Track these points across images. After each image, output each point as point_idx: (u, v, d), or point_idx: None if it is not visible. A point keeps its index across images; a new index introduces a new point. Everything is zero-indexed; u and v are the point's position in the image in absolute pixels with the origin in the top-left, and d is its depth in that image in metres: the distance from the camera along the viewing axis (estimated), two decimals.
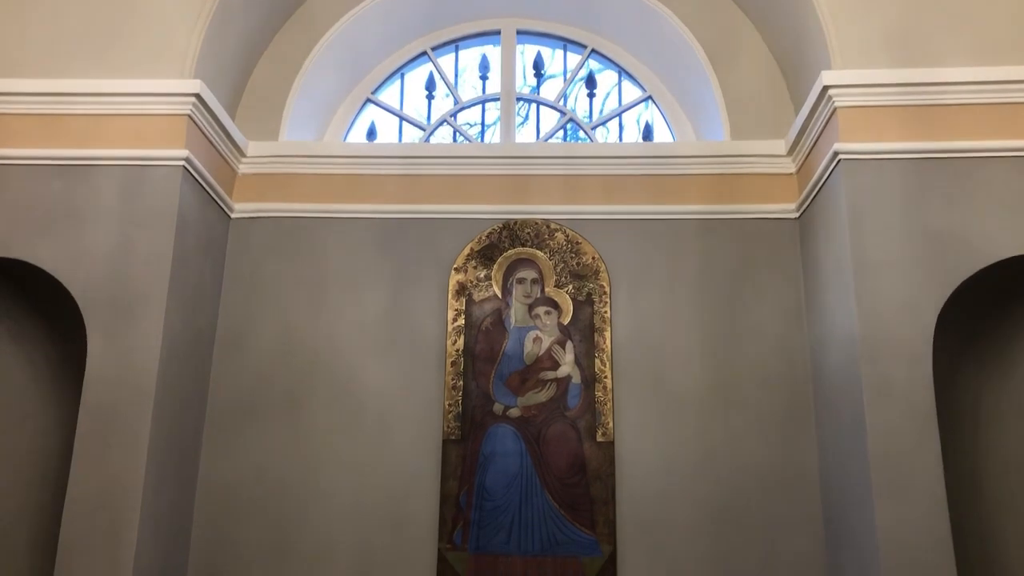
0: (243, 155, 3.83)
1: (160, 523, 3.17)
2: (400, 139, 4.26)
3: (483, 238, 3.74)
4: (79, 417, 3.11)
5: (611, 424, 3.48)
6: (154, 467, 3.11)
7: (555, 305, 3.66)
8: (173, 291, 3.26)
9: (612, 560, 3.32)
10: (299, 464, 3.53)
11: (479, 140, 4.27)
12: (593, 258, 3.68)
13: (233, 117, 3.88)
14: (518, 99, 4.27)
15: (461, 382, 3.58)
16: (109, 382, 3.13)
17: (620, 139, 4.24)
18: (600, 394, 3.52)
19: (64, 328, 3.44)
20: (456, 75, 4.36)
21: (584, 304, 3.64)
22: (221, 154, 3.67)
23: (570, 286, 3.67)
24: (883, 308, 3.03)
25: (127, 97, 3.37)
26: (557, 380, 3.57)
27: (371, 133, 4.23)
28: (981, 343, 3.31)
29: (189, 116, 3.37)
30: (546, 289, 3.68)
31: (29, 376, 3.50)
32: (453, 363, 3.60)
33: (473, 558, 3.36)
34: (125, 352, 3.15)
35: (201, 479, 3.52)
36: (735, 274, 3.65)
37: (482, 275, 3.71)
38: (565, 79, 4.32)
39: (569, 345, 3.61)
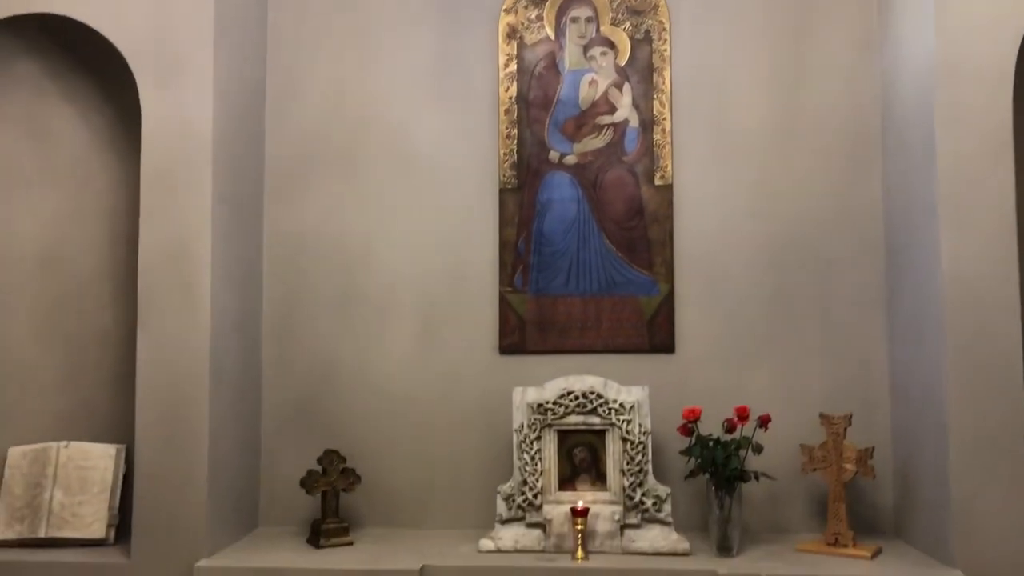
0: None
1: (232, 274, 3.30)
2: None
3: None
4: (141, 173, 3.16)
5: (670, 167, 3.43)
6: (220, 219, 3.18)
7: (611, 45, 3.50)
8: (218, 43, 3.19)
9: (669, 298, 3.39)
10: (359, 216, 3.59)
11: None
12: None
13: None
14: None
15: (515, 130, 3.52)
16: (166, 137, 3.15)
17: None
18: (659, 137, 3.44)
19: (116, 86, 3.42)
20: None
21: (642, 42, 3.48)
22: None
23: (627, 23, 3.48)
24: (963, 31, 2.84)
25: None
26: (614, 124, 3.48)
27: None
28: None
29: None
30: (601, 28, 3.51)
31: (88, 136, 3.53)
32: (506, 111, 3.52)
33: (533, 299, 3.46)
34: (178, 105, 3.14)
35: (266, 232, 3.61)
36: (804, 5, 3.43)
37: (533, 15, 3.53)
38: None
39: (626, 87, 3.48)
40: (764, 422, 3.04)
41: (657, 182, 3.43)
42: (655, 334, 3.39)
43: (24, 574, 3.09)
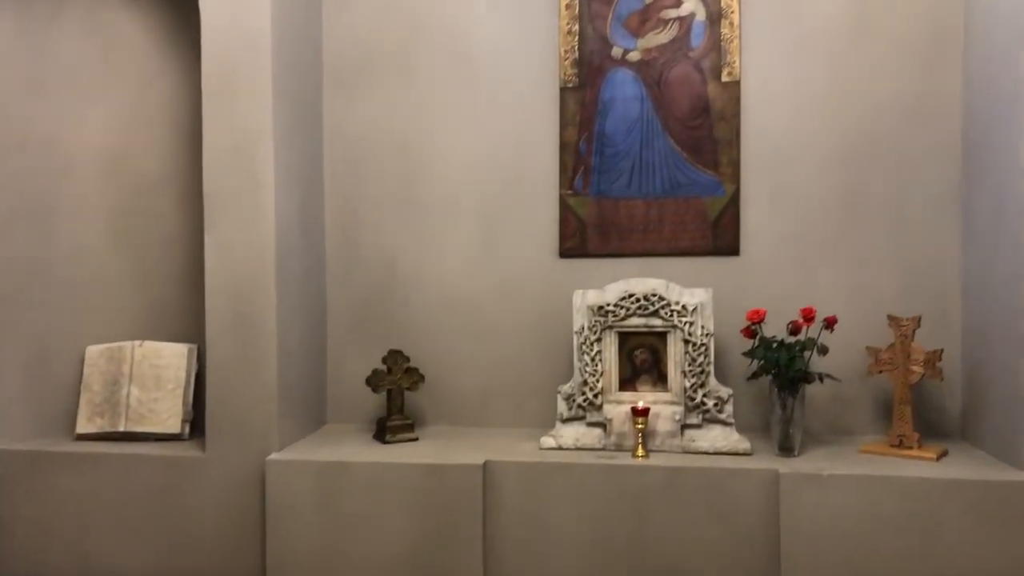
0: None
1: (294, 176, 3.31)
2: None
3: None
4: (202, 75, 3.16)
5: (738, 63, 3.30)
6: (280, 120, 3.18)
7: None
8: None
9: (735, 199, 3.31)
10: (418, 118, 3.56)
11: None
12: None
13: None
14: None
15: (577, 26, 3.41)
16: (225, 38, 3.13)
17: None
18: (726, 31, 3.31)
19: None
20: None
21: None
22: None
23: None
24: None
25: None
26: (679, 18, 3.36)
27: None
28: None
29: None
30: None
31: (149, 38, 3.54)
32: (567, 6, 3.42)
33: (595, 202, 3.41)
34: (236, 5, 3.11)
35: (326, 135, 3.61)
36: None
37: None
38: None
39: None
40: (830, 323, 3.00)
41: (724, 78, 3.31)
42: (719, 236, 3.33)
43: (107, 464, 3.25)
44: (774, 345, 2.98)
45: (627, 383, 3.16)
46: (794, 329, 3.00)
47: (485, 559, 2.96)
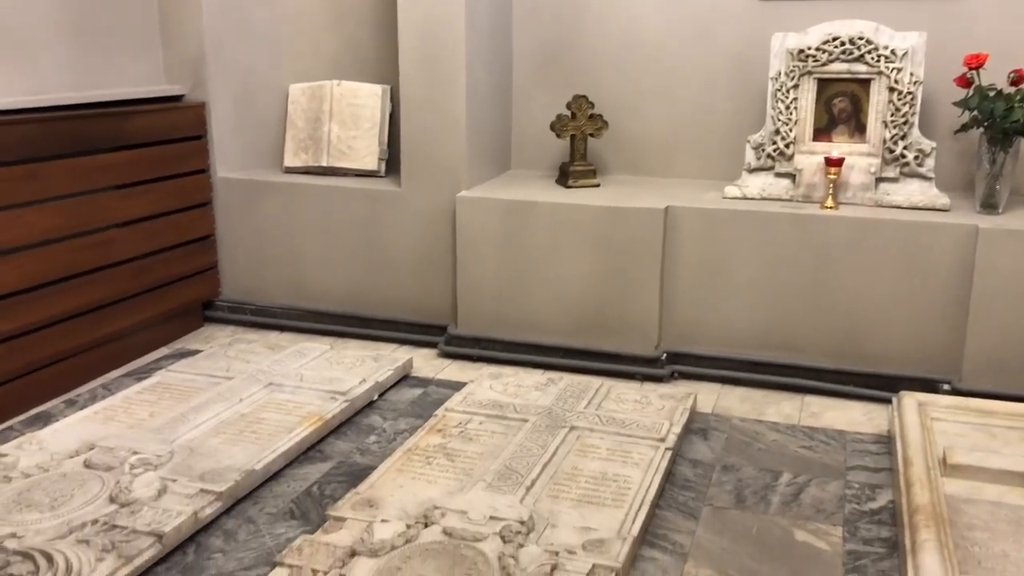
0: None
1: None
2: None
3: None
4: None
5: None
6: None
7: None
8: None
9: None
10: None
11: None
12: None
13: None
14: None
15: None
16: None
17: None
18: None
19: None
20: None
21: None
22: None
23: None
24: None
25: None
26: None
27: None
28: None
29: None
30: None
31: None
32: None
33: None
34: None
35: None
36: None
37: None
38: None
39: None
40: None
41: None
42: None
43: (313, 195, 3.52)
44: (991, 94, 2.75)
45: (821, 133, 3.04)
46: (1017, 78, 2.76)
47: (662, 299, 3.07)
